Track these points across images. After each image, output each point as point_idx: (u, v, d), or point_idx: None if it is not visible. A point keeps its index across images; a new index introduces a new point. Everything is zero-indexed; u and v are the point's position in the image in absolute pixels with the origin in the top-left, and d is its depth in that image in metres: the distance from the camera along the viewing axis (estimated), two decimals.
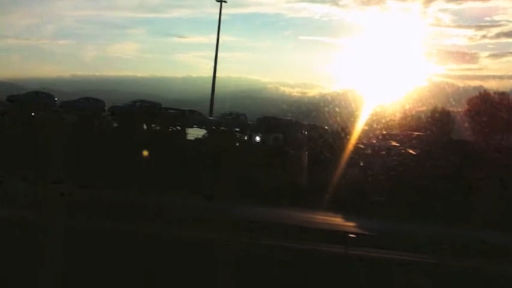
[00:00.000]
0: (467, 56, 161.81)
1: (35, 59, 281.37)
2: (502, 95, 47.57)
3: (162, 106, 46.12)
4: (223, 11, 59.95)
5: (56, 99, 46.71)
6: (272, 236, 20.95)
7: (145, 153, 33.42)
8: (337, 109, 46.94)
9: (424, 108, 49.51)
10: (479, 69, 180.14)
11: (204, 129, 44.13)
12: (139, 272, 15.49)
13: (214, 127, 44.74)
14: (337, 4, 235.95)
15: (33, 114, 42.96)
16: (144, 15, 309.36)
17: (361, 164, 38.34)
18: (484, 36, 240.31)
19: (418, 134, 41.31)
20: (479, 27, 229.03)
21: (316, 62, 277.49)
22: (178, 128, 43.11)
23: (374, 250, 21.11)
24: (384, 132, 42.17)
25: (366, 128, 40.83)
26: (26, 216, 20.40)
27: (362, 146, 39.52)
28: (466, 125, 45.75)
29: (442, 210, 29.46)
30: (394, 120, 43.64)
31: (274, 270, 16.75)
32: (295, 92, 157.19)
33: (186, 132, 43.66)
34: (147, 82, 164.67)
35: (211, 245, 18.32)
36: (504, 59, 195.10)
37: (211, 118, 50.17)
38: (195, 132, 43.65)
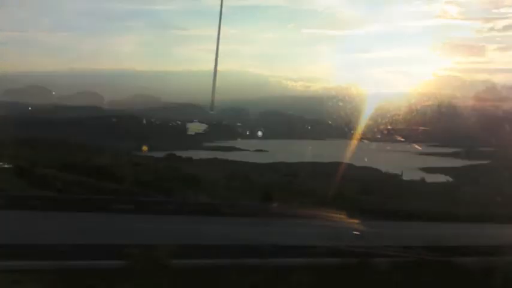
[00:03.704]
0: (474, 49, 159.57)
1: (33, 52, 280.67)
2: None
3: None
4: (225, 3, 58.70)
5: (53, 93, 45.81)
6: None
7: None
8: (340, 103, 45.88)
9: (431, 102, 48.30)
10: (487, 62, 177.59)
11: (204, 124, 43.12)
12: None
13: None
14: None
15: None
16: (144, 7, 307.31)
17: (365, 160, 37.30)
18: (491, 29, 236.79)
19: (424, 129, 40.25)
20: (487, 20, 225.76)
21: (319, 55, 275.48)
22: None
23: None
24: (389, 127, 41.09)
25: (371, 122, 39.74)
26: None
27: (366, 142, 38.53)
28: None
29: None
30: (399, 115, 42.53)
31: None
32: (299, 86, 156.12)
33: None
34: (147, 75, 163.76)
35: None
36: None
37: (211, 112, 49.08)
38: (195, 127, 42.62)
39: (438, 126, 43.99)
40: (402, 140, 37.76)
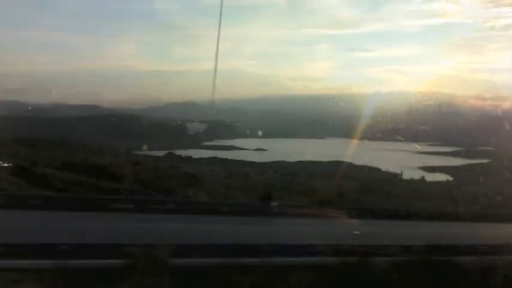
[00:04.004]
0: (474, 48, 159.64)
1: (33, 52, 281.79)
2: None
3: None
4: (225, 2, 58.85)
5: (53, 92, 45.77)
6: None
7: None
8: (340, 103, 45.93)
9: (431, 101, 48.32)
10: (487, 61, 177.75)
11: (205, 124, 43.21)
12: None
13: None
14: None
15: None
16: (144, 7, 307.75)
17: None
18: (492, 28, 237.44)
19: (424, 128, 40.29)
20: (487, 19, 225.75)
21: (319, 55, 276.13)
22: None
23: None
24: (389, 126, 41.12)
25: (371, 121, 39.79)
26: None
27: (366, 141, 38.57)
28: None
29: None
30: (399, 114, 42.57)
31: None
32: (299, 86, 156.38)
33: None
34: (147, 75, 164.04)
35: None
36: None
37: (211, 112, 49.18)
38: (195, 127, 42.71)
39: (438, 126, 44.04)
40: (402, 139, 37.78)
